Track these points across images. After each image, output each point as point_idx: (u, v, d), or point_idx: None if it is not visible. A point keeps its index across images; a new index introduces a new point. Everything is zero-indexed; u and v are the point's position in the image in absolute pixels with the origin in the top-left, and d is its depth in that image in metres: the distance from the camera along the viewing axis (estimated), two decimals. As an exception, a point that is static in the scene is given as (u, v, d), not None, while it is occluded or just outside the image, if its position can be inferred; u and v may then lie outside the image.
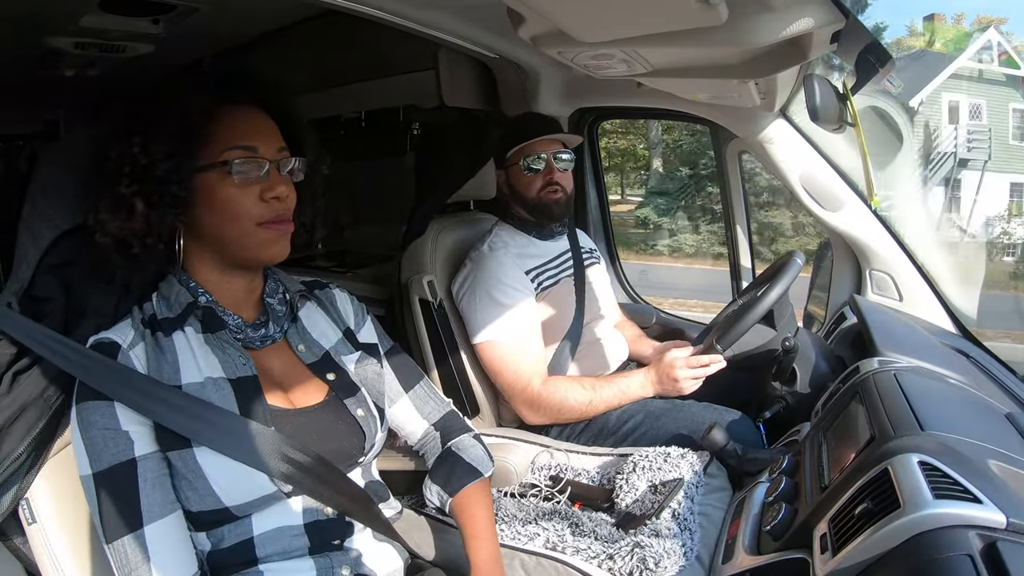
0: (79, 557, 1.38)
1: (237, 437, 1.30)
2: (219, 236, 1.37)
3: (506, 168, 2.63)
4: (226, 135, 1.34)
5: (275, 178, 1.37)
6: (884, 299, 2.52)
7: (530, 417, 2.41)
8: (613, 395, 2.36)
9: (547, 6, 1.34)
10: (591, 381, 2.41)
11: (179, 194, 1.31)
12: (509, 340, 2.42)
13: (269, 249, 1.39)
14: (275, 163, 1.38)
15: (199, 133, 1.32)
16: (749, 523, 1.62)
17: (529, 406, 2.39)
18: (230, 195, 1.33)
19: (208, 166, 1.33)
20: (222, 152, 1.33)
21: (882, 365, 1.80)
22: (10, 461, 1.30)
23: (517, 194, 2.62)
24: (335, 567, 1.41)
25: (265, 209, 1.36)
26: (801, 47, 1.58)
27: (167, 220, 1.33)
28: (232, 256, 1.40)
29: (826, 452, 1.58)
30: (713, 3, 1.19)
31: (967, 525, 1.10)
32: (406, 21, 2.06)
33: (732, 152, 3.01)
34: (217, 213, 1.35)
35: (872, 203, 2.36)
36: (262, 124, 1.40)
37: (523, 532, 1.80)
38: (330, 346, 1.55)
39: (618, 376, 2.46)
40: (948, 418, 1.47)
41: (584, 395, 2.35)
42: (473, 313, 2.47)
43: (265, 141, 1.37)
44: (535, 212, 2.61)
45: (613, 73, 1.89)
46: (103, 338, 1.32)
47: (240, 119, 1.38)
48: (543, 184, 2.57)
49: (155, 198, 1.30)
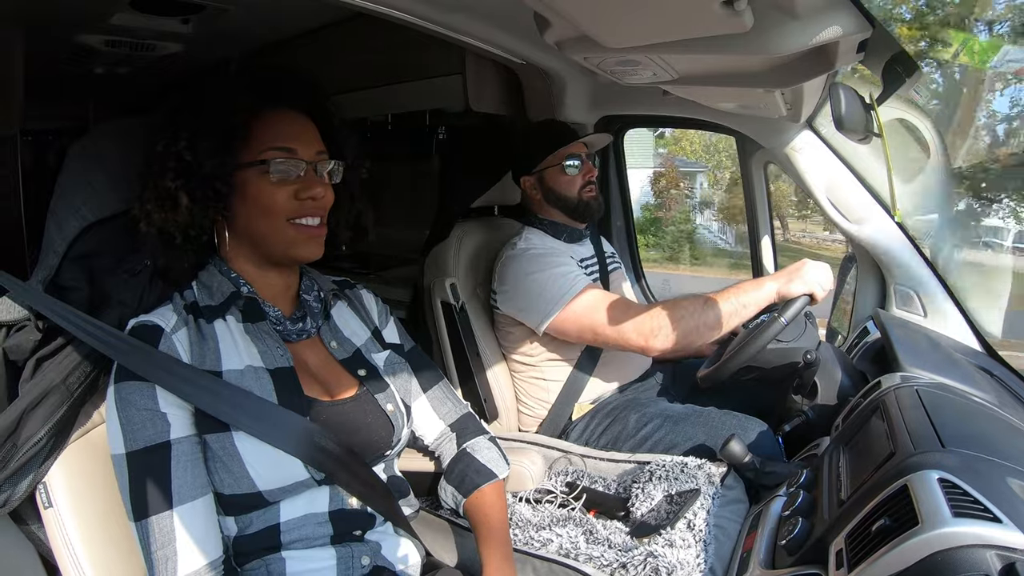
0: (93, 542, 1.40)
1: (275, 425, 1.33)
2: (253, 230, 1.43)
3: (540, 172, 2.64)
4: (267, 136, 1.40)
5: (311, 179, 1.43)
6: (908, 314, 2.49)
7: (654, 346, 2.25)
8: (729, 293, 2.21)
9: (572, 10, 1.34)
10: (703, 294, 2.27)
11: (221, 190, 1.37)
12: (580, 294, 2.36)
13: (300, 247, 1.44)
14: (312, 164, 1.43)
15: (242, 133, 1.38)
16: (765, 537, 1.60)
17: (646, 337, 2.24)
18: (265, 191, 1.39)
19: (248, 164, 1.38)
20: (261, 152, 1.39)
21: (904, 381, 1.78)
22: (30, 445, 1.32)
23: (556, 196, 2.62)
24: (356, 556, 1.43)
25: (298, 207, 1.41)
26: (827, 56, 1.56)
27: (209, 214, 1.39)
28: (265, 251, 1.46)
29: (845, 467, 1.56)
30: (738, 10, 1.18)
31: (986, 545, 1.08)
32: (433, 25, 2.06)
33: (757, 163, 2.99)
34: (252, 208, 1.40)
35: (895, 216, 2.34)
36: (302, 127, 1.46)
37: (536, 538, 1.79)
38: (360, 344, 1.61)
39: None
40: (970, 436, 1.44)
41: (696, 301, 2.23)
42: (528, 304, 2.44)
43: (304, 143, 1.43)
44: (576, 212, 2.63)
45: (639, 80, 1.89)
46: (146, 321, 1.36)
47: (281, 121, 1.43)
48: (583, 183, 2.61)
49: (199, 193, 1.36)
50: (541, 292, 2.39)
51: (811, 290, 2.09)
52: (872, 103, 1.77)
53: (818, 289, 2.10)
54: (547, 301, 2.38)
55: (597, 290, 2.39)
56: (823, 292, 2.11)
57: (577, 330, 2.38)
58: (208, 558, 1.29)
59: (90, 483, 1.42)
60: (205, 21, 2.50)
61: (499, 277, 2.56)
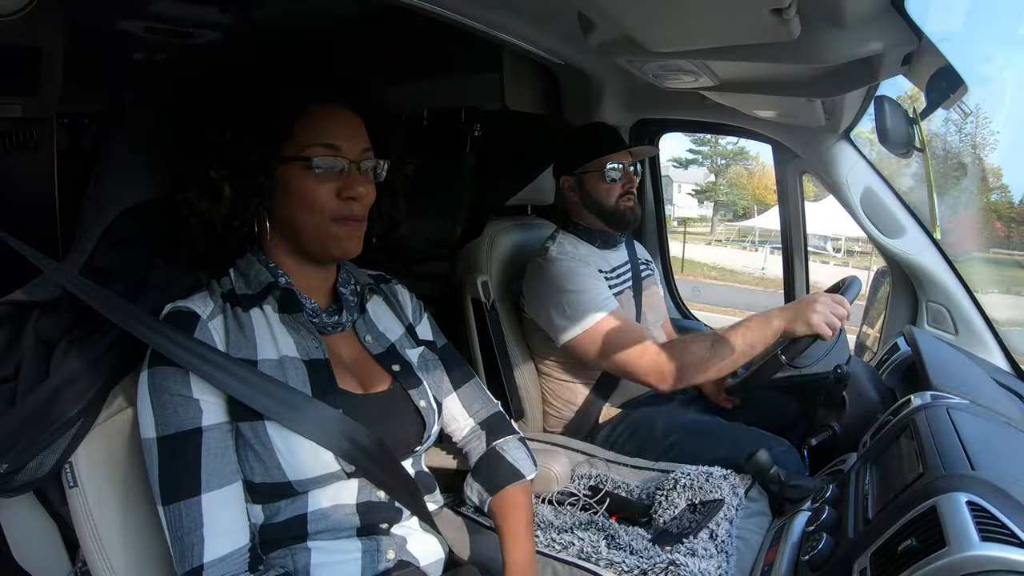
0: (115, 524, 1.41)
1: (309, 416, 1.34)
2: (294, 225, 1.43)
3: (579, 175, 2.62)
4: (311, 132, 1.40)
5: (354, 177, 1.43)
6: (939, 332, 2.46)
7: (660, 385, 2.27)
8: (735, 334, 2.18)
9: (622, 15, 1.34)
10: (712, 332, 2.27)
11: (264, 183, 1.38)
12: (602, 320, 2.36)
13: (340, 245, 1.44)
14: (356, 163, 1.43)
15: (287, 128, 1.39)
16: (787, 551, 1.60)
17: (652, 374, 2.27)
18: (308, 187, 1.39)
19: (292, 159, 1.39)
20: (305, 148, 1.39)
21: (935, 400, 1.77)
22: (59, 424, 1.33)
23: (593, 202, 2.60)
24: (381, 550, 1.44)
25: (340, 206, 1.42)
26: (871, 68, 1.55)
27: (251, 206, 1.40)
28: (305, 246, 1.46)
29: (872, 485, 1.55)
30: (787, 18, 1.17)
31: (1013, 571, 1.07)
32: (474, 22, 2.06)
33: (793, 172, 2.97)
34: (295, 202, 1.41)
35: (934, 233, 2.31)
36: (347, 124, 1.45)
37: (558, 540, 1.79)
38: (395, 339, 1.62)
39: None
40: (1000, 459, 1.43)
41: (704, 342, 2.22)
42: (551, 317, 2.44)
43: (348, 140, 1.43)
44: (611, 220, 2.61)
45: (679, 84, 1.88)
46: (181, 307, 1.37)
47: (326, 118, 1.43)
48: (622, 192, 2.58)
49: (241, 185, 1.37)
50: (564, 311, 2.39)
51: (817, 331, 2.06)
52: (916, 117, 1.75)
53: (824, 329, 2.06)
54: (569, 320, 2.38)
55: (620, 320, 2.38)
56: (830, 332, 2.07)
57: (592, 355, 2.39)
58: (234, 545, 1.30)
59: (116, 465, 1.43)
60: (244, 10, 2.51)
61: (528, 283, 2.56)
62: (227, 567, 1.28)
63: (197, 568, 1.26)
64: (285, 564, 1.37)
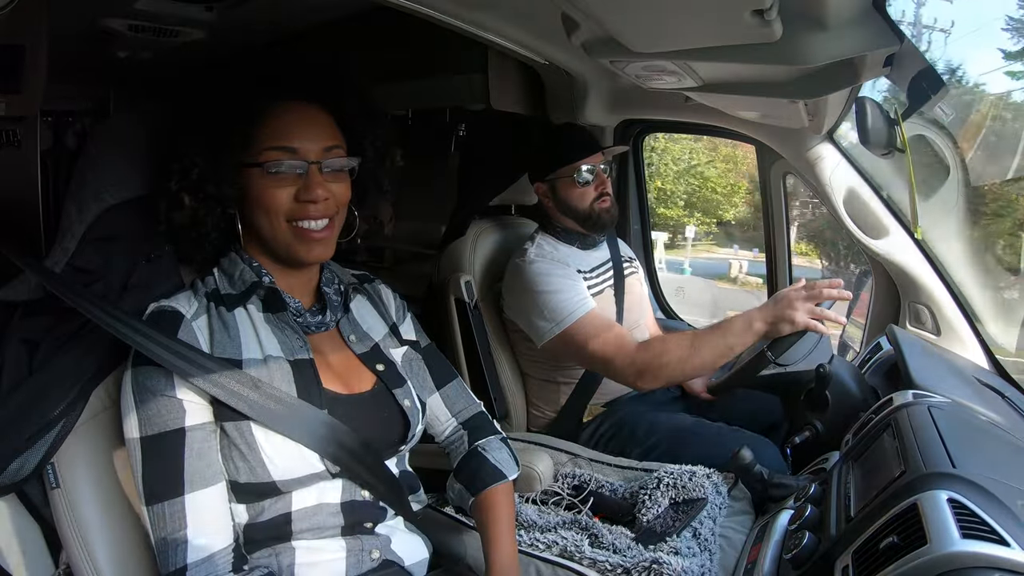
0: (98, 524, 1.40)
1: (293, 417, 1.33)
2: (259, 229, 1.42)
3: (552, 181, 2.61)
4: (267, 134, 1.37)
5: (314, 179, 1.39)
6: (921, 332, 2.48)
7: (638, 383, 2.29)
8: (715, 335, 2.18)
9: (604, 14, 1.34)
10: (692, 331, 2.29)
11: (216, 192, 1.36)
12: (580, 319, 2.37)
13: (300, 249, 1.42)
14: (317, 163, 1.39)
15: (238, 133, 1.36)
16: (770, 549, 1.60)
17: (629, 372, 2.27)
18: (267, 192, 1.37)
19: (249, 165, 1.37)
20: (261, 152, 1.36)
21: (916, 399, 1.78)
22: (44, 422, 1.33)
23: (568, 206, 2.60)
24: (366, 549, 1.44)
25: (298, 209, 1.39)
26: (853, 69, 1.56)
27: (215, 212, 1.39)
28: (273, 251, 1.44)
29: (854, 483, 1.56)
30: (769, 19, 1.18)
31: (993, 567, 1.08)
32: (457, 21, 2.06)
33: (777, 173, 2.98)
34: (255, 207, 1.39)
35: (916, 233, 2.32)
36: (310, 123, 1.42)
37: (541, 539, 1.79)
38: (379, 339, 1.60)
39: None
40: (981, 457, 1.44)
41: (683, 342, 2.21)
42: (530, 318, 2.45)
43: (308, 141, 1.39)
44: (588, 223, 2.61)
45: (663, 85, 1.88)
46: (165, 306, 1.36)
47: (282, 117, 1.39)
48: (596, 195, 2.58)
49: (197, 194, 1.36)
50: (542, 312, 2.40)
51: (807, 328, 2.07)
52: (897, 118, 1.76)
53: (813, 324, 2.06)
54: (547, 320, 2.39)
55: (597, 319, 2.38)
56: (820, 325, 2.07)
57: (571, 355, 2.42)
58: (218, 545, 1.29)
59: (98, 466, 1.42)
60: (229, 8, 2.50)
61: (507, 284, 2.57)
62: (211, 567, 1.27)
63: (181, 569, 1.26)
64: (269, 564, 1.36)
